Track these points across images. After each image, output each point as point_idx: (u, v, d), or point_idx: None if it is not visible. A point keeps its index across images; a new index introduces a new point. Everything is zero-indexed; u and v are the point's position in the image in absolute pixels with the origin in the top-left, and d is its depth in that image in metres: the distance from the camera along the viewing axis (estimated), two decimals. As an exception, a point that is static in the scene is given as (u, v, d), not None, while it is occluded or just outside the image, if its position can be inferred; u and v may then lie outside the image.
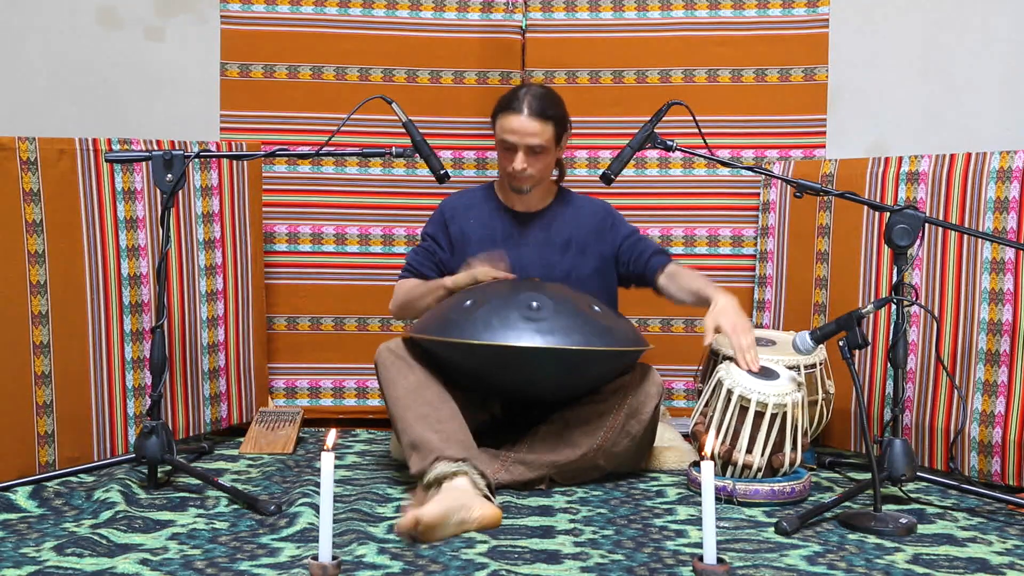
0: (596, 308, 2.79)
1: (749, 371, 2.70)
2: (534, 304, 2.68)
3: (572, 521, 2.43)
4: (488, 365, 2.70)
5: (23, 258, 2.68)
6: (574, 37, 3.59)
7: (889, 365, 2.65)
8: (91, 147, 2.87)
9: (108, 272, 2.91)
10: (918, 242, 2.55)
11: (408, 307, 3.03)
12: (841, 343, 2.49)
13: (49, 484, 2.62)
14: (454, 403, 2.67)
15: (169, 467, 2.67)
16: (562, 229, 3.04)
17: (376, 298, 3.57)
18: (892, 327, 2.57)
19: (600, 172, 2.82)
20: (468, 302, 2.73)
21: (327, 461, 1.84)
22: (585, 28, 3.59)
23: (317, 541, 1.85)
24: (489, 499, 2.41)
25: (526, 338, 2.63)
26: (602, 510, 2.53)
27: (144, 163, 2.90)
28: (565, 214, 3.07)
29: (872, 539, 2.32)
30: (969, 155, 2.90)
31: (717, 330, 2.72)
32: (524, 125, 2.88)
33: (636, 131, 2.80)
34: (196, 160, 3.04)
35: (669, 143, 2.77)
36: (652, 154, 3.57)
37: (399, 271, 3.11)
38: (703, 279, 2.92)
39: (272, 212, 3.56)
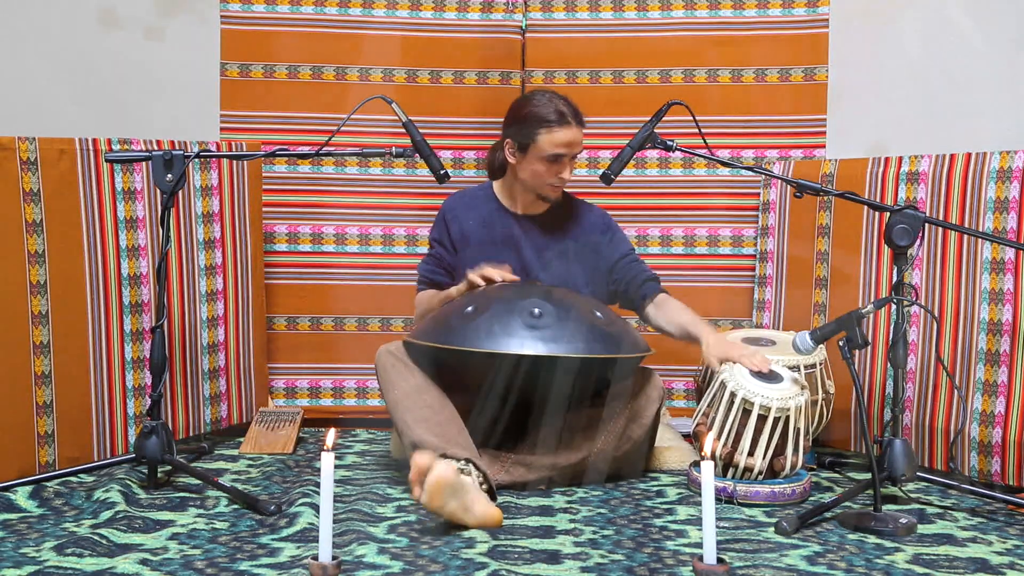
0: (598, 314, 2.76)
1: (752, 372, 2.71)
2: (536, 311, 2.66)
3: (572, 521, 2.43)
4: (489, 372, 2.66)
5: (23, 258, 2.68)
6: (574, 37, 3.59)
7: (889, 365, 2.65)
8: (91, 147, 2.87)
9: (108, 272, 2.91)
10: (918, 242, 2.55)
11: None
12: (841, 343, 2.49)
13: (49, 484, 2.62)
14: (453, 406, 2.67)
15: (169, 467, 2.67)
16: (561, 233, 3.04)
17: (376, 298, 3.57)
18: (892, 327, 2.56)
19: (600, 172, 2.82)
20: (469, 308, 2.71)
21: (327, 461, 1.84)
22: (585, 28, 3.59)
23: (317, 541, 1.85)
24: (490, 500, 2.41)
25: (528, 346, 2.60)
26: (602, 510, 2.53)
27: (144, 163, 2.90)
28: (565, 218, 3.06)
29: (872, 539, 2.32)
30: (969, 155, 2.90)
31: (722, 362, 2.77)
32: (576, 136, 2.91)
33: (636, 131, 2.80)
34: (196, 160, 3.04)
35: (669, 143, 2.77)
36: (652, 154, 3.57)
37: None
38: (692, 314, 2.93)
39: (272, 212, 3.56)
